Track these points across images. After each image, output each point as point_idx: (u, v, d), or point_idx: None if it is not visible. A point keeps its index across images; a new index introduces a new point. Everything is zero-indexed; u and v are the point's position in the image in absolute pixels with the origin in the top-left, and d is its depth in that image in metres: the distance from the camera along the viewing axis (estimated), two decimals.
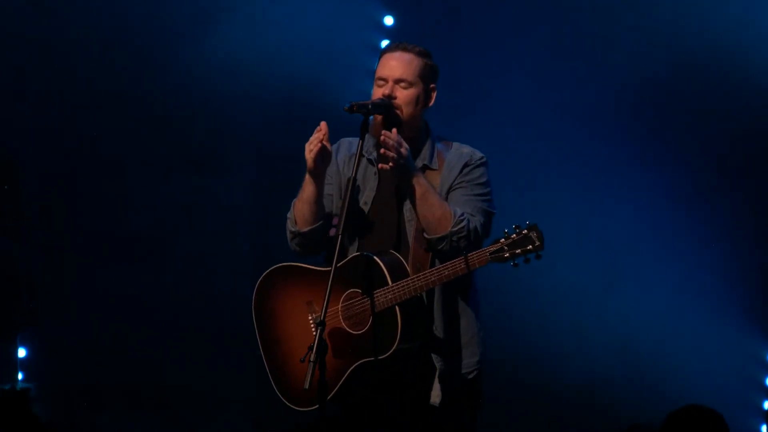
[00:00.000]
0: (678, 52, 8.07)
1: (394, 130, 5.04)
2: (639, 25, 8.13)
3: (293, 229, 5.21)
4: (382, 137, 5.01)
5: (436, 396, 5.11)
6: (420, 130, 5.23)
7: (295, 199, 5.23)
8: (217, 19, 8.38)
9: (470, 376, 5.16)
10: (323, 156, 5.11)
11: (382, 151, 5.02)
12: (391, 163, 5.00)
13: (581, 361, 8.10)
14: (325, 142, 5.09)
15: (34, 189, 8.27)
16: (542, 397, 8.14)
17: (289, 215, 5.24)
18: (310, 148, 5.09)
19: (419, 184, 5.04)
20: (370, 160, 5.25)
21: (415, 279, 4.99)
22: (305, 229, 5.18)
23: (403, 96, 5.15)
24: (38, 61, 8.22)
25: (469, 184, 5.17)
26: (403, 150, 5.00)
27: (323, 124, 5.12)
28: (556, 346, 8.12)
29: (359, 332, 5.03)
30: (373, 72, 5.24)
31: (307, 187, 5.16)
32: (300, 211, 5.19)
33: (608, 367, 8.07)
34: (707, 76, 8.03)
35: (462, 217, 5.04)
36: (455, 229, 5.02)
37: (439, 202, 5.06)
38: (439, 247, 5.05)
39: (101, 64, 8.25)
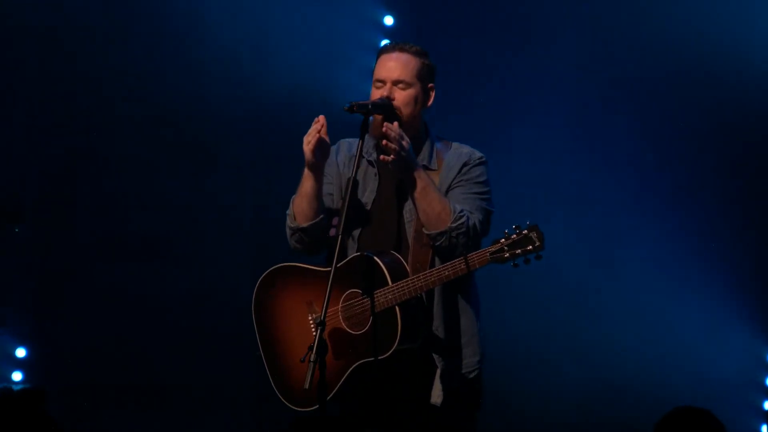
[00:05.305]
0: (679, 50, 8.06)
1: (396, 123, 5.02)
2: (640, 23, 8.13)
3: (293, 225, 5.18)
4: (384, 128, 4.98)
5: (437, 396, 5.09)
6: (419, 131, 5.21)
7: (294, 195, 5.20)
8: (217, 19, 8.38)
9: (471, 376, 5.15)
10: (321, 148, 5.08)
11: (384, 142, 4.98)
12: (392, 156, 4.98)
13: (581, 362, 8.09)
14: (323, 135, 5.06)
15: (34, 189, 8.26)
16: (542, 397, 8.14)
17: (288, 211, 5.20)
18: (308, 140, 5.06)
19: (420, 178, 5.02)
20: (370, 162, 5.24)
21: (415, 279, 4.98)
22: (305, 224, 5.16)
23: (402, 97, 5.13)
24: (38, 61, 8.22)
25: (467, 183, 5.16)
26: (404, 143, 4.98)
27: (321, 117, 5.08)
28: (556, 346, 8.12)
29: (359, 332, 5.02)
30: (373, 72, 5.23)
31: (306, 182, 5.13)
32: (299, 206, 5.16)
33: (608, 368, 8.06)
34: (709, 75, 8.03)
35: (461, 214, 5.02)
36: (455, 224, 5.01)
37: (439, 198, 5.04)
38: (438, 243, 5.03)
39: (102, 63, 8.25)
